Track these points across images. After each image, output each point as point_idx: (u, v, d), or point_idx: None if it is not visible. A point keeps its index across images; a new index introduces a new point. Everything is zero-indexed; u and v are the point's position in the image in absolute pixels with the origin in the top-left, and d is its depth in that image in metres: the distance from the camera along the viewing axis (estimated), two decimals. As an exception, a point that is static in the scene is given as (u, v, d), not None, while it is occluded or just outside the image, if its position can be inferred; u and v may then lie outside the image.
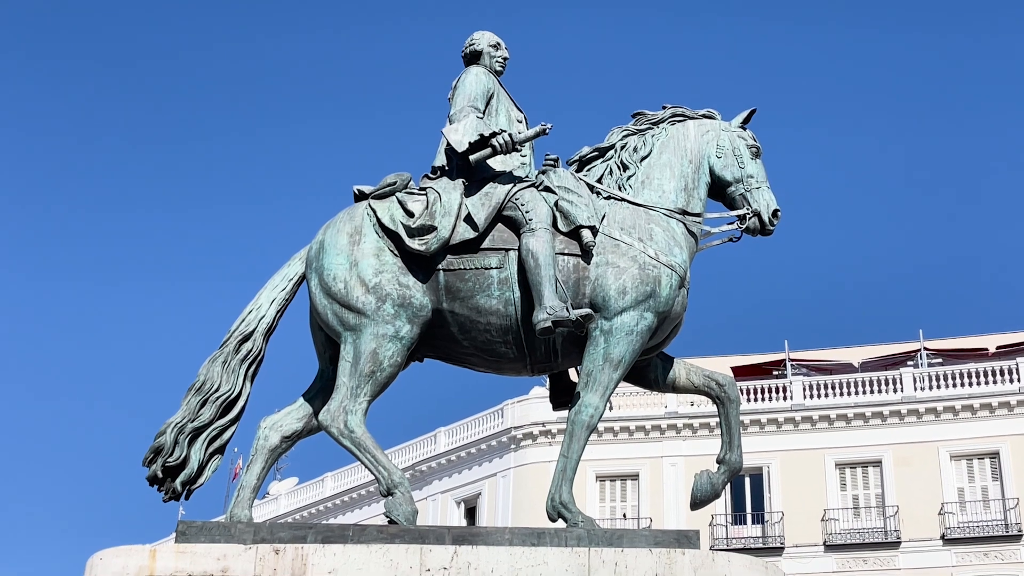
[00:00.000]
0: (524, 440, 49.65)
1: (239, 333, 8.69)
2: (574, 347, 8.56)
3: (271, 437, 8.54)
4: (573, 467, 8.35)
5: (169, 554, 7.57)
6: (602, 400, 8.41)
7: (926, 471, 46.30)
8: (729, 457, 8.67)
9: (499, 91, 9.16)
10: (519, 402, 50.45)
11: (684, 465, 46.97)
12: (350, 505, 56.29)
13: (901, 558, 45.50)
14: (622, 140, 9.13)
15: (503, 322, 8.47)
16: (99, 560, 7.67)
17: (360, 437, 8.22)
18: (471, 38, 9.36)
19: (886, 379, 48.94)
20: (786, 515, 46.59)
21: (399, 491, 8.12)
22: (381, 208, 8.61)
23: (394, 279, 8.41)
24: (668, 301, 8.52)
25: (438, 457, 52.53)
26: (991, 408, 47.14)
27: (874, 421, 47.87)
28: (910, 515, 45.75)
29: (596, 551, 7.56)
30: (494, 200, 8.57)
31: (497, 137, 8.61)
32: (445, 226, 8.44)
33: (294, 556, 7.53)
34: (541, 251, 8.32)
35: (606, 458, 46.82)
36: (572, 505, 8.24)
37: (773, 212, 9.01)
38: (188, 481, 8.45)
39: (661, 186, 8.94)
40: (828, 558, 45.98)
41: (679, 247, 8.70)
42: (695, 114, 9.30)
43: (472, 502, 50.99)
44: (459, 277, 8.47)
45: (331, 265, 8.51)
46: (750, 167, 9.11)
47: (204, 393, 8.55)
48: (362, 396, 8.26)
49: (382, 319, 8.32)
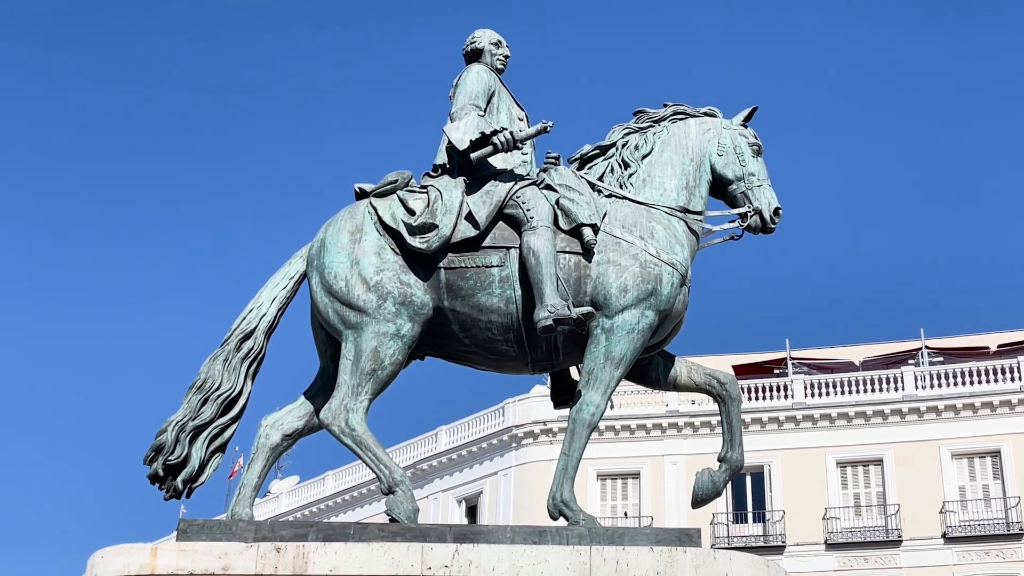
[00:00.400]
0: (525, 439, 49.65)
1: (240, 331, 8.68)
2: (575, 345, 8.55)
3: (272, 435, 8.53)
4: (574, 465, 8.34)
5: (170, 552, 7.56)
6: (603, 398, 8.40)
7: (927, 470, 46.31)
8: (730, 455, 8.66)
9: (500, 89, 9.15)
10: (520, 401, 50.46)
11: (685, 464, 46.98)
12: (351, 504, 56.28)
13: (902, 557, 45.51)
14: (623, 138, 9.11)
15: (504, 320, 8.46)
16: (100, 558, 7.67)
17: (361, 435, 8.21)
18: (472, 36, 9.34)
19: (887, 378, 48.95)
20: (787, 514, 46.59)
21: (400, 489, 8.12)
22: (382, 206, 8.60)
23: (395, 277, 8.40)
24: (669, 299, 8.51)
25: (439, 456, 52.54)
26: (992, 407, 47.14)
27: (875, 420, 47.87)
28: (911, 514, 45.75)
29: (597, 549, 7.54)
30: (495, 198, 8.56)
31: (498, 135, 8.60)
32: (446, 224, 8.43)
33: (295, 554, 7.52)
34: (542, 249, 8.31)
35: (607, 456, 46.82)
36: (573, 503, 8.23)
37: (774, 210, 8.99)
38: (189, 479, 8.44)
39: (662, 184, 8.93)
40: (829, 557, 45.98)
41: (680, 245, 8.69)
42: (696, 112, 9.29)
43: (473, 501, 50.99)
44: (460, 275, 8.46)
45: (332, 263, 8.50)
46: (751, 165, 9.10)
47: (205, 391, 8.54)
48: (363, 394, 8.25)
49: (383, 317, 8.31)
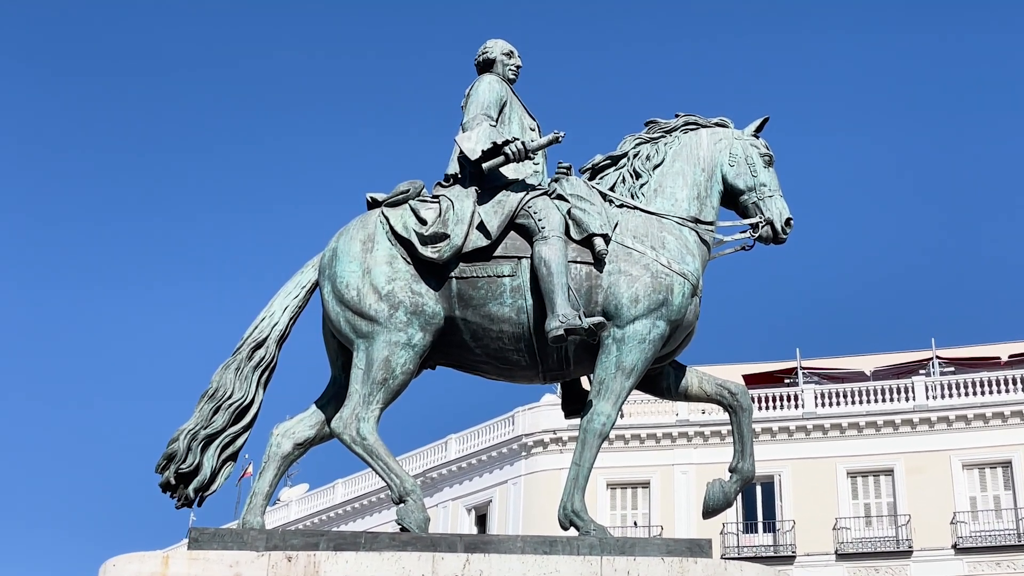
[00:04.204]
0: (535, 448, 49.61)
1: (252, 340, 8.70)
2: (586, 355, 8.55)
3: (283, 444, 8.55)
4: (585, 475, 8.34)
5: (182, 560, 7.58)
6: (614, 408, 8.40)
7: (938, 480, 46.16)
8: (741, 466, 8.66)
9: (512, 99, 9.16)
10: (530, 409, 50.42)
11: (695, 473, 46.87)
12: (360, 512, 56.28)
13: (913, 567, 45.35)
14: (635, 148, 9.13)
15: (515, 330, 8.46)
16: (112, 566, 7.69)
17: (372, 444, 8.22)
18: (484, 46, 9.35)
19: (898, 388, 48.83)
20: (797, 524, 46.46)
21: (411, 498, 8.12)
22: (394, 216, 8.62)
23: (407, 287, 8.42)
24: (680, 309, 8.51)
25: (448, 464, 52.51)
26: (1003, 417, 46.98)
27: (886, 430, 47.74)
28: (922, 524, 45.60)
29: (608, 559, 7.54)
30: (507, 208, 8.57)
31: (510, 145, 8.61)
32: (458, 234, 8.44)
33: (306, 563, 7.53)
34: (554, 259, 8.32)
35: (617, 466, 46.73)
36: (584, 513, 8.22)
37: (786, 221, 8.99)
38: (201, 488, 8.46)
39: (674, 194, 8.94)
40: (839, 567, 45.83)
41: (691, 255, 8.69)
42: (708, 122, 9.29)
43: (482, 509, 50.94)
44: (472, 285, 8.46)
45: (344, 272, 8.51)
46: (763, 175, 9.10)
47: (217, 400, 8.56)
48: (374, 403, 8.27)
49: (395, 327, 8.32)
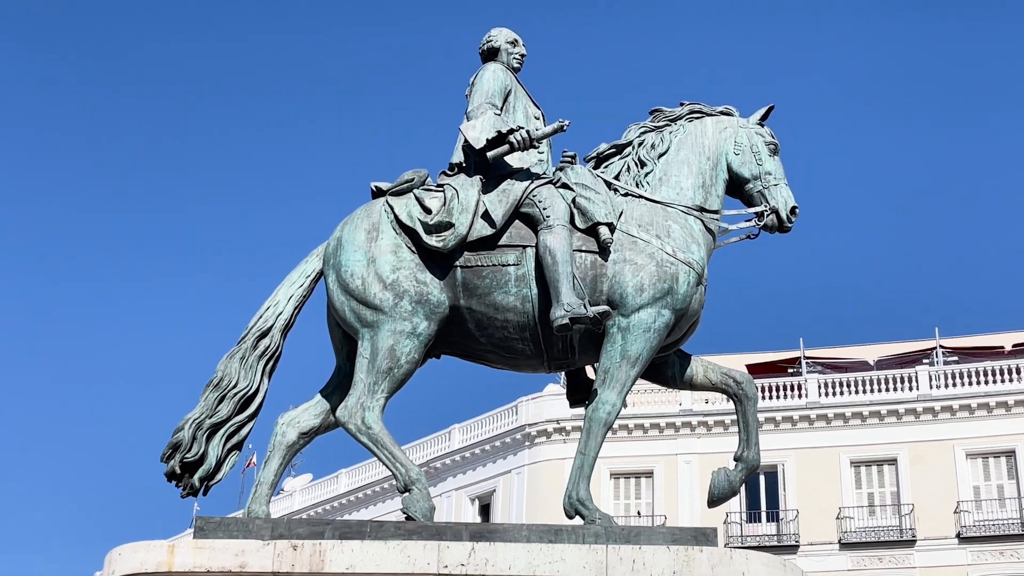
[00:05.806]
0: (538, 437, 49.66)
1: (257, 329, 8.70)
2: (591, 344, 8.55)
3: (288, 433, 8.55)
4: (590, 464, 8.34)
5: (188, 549, 7.59)
6: (619, 397, 8.41)
7: (942, 469, 46.18)
8: (747, 455, 8.66)
9: (516, 88, 9.14)
10: (533, 399, 50.46)
11: (698, 463, 46.95)
12: (364, 501, 56.35)
13: (916, 556, 45.39)
14: (640, 137, 9.11)
15: (520, 319, 8.46)
16: (118, 555, 7.70)
17: (377, 434, 8.22)
18: (488, 35, 9.33)
19: (902, 377, 48.83)
20: (801, 513, 46.51)
21: (416, 487, 8.13)
22: (399, 205, 8.61)
23: (412, 276, 8.42)
24: (685, 298, 8.50)
25: (452, 454, 52.57)
26: (1007, 406, 46.99)
27: (889, 419, 47.75)
28: (925, 513, 45.63)
29: (614, 548, 7.54)
30: (511, 197, 8.56)
31: (515, 134, 8.60)
32: (463, 223, 8.44)
33: (312, 552, 7.54)
34: (559, 248, 8.31)
35: (620, 455, 46.75)
36: (589, 502, 8.23)
37: (791, 209, 8.98)
38: (206, 477, 8.47)
39: (679, 183, 8.92)
40: (843, 556, 45.89)
41: (697, 244, 8.68)
42: (713, 111, 9.28)
43: (486, 499, 51.01)
44: (476, 274, 8.46)
45: (349, 261, 8.51)
46: (768, 164, 9.09)
47: (222, 389, 8.57)
48: (379, 393, 8.27)
49: (399, 316, 8.32)
